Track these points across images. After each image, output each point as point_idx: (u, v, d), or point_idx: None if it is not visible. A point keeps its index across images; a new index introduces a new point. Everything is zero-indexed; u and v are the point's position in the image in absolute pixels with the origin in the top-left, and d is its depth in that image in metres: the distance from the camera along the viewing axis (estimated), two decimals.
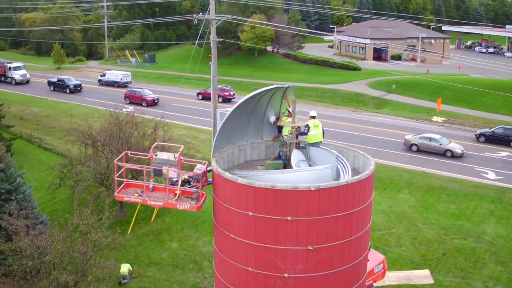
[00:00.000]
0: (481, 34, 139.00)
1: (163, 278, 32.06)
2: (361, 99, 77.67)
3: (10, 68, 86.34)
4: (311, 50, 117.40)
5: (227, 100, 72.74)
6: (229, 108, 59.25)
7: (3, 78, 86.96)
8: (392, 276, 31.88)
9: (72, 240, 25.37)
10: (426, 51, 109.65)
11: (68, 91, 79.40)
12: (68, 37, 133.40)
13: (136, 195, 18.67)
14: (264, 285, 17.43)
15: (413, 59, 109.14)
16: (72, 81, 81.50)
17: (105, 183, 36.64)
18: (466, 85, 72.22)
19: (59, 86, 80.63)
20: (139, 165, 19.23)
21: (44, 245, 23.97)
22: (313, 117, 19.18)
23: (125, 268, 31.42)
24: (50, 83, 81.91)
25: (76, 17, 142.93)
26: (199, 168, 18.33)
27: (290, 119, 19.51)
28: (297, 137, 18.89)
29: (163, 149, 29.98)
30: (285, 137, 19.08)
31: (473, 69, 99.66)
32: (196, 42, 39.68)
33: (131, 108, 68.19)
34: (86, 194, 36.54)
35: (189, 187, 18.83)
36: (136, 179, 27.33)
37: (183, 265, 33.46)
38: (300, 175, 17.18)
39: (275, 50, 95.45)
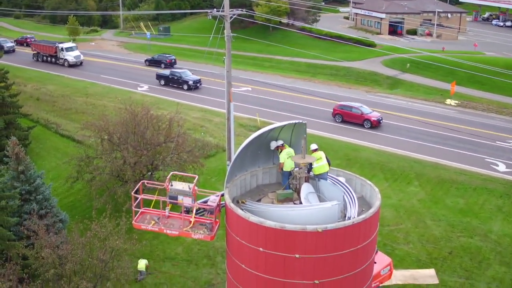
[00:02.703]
0: (499, 7, 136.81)
1: (178, 274, 33.33)
2: (375, 78, 77.68)
3: (62, 49, 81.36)
4: (326, 21, 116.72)
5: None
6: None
7: (53, 60, 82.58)
8: (399, 275, 32.90)
9: (91, 245, 26.48)
10: (442, 26, 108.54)
11: (186, 87, 68.58)
12: (83, 6, 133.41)
13: (153, 222, 19.65)
14: None
15: (429, 35, 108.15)
16: (189, 76, 70.09)
17: (122, 178, 37.76)
18: (481, 64, 71.87)
19: (173, 82, 69.88)
20: (156, 196, 20.14)
21: (65, 254, 25.17)
22: (315, 150, 19.94)
23: (142, 263, 32.70)
24: (160, 77, 71.34)
25: None
26: (213, 201, 19.23)
27: (285, 152, 20.36)
28: (308, 172, 19.73)
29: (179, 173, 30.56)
30: (295, 170, 19.87)
31: (489, 45, 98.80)
32: (211, 36, 39.86)
33: (145, 87, 69.29)
34: (103, 188, 37.70)
35: (202, 212, 19.83)
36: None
37: (197, 260, 34.71)
38: (309, 212, 18.01)
39: (290, 23, 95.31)
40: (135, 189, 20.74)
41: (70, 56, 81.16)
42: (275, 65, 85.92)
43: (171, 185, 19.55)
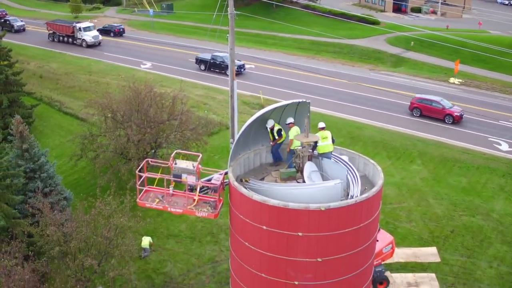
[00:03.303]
0: None
1: (182, 251, 33.65)
2: (378, 56, 77.34)
3: (80, 29, 78.58)
4: None
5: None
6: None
7: (70, 40, 79.96)
8: (400, 253, 33.17)
9: (95, 223, 26.70)
10: (447, 4, 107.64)
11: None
12: None
13: (157, 200, 19.82)
14: None
15: (434, 13, 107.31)
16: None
17: (126, 156, 37.93)
18: (485, 43, 71.50)
19: (215, 67, 65.76)
20: (160, 174, 20.27)
21: (69, 232, 25.40)
22: (322, 129, 19.98)
23: (146, 241, 33.01)
24: (201, 62, 67.11)
25: None
26: (217, 179, 19.37)
27: (294, 130, 20.39)
28: (313, 150, 19.82)
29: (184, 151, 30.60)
30: (298, 148, 19.93)
31: (494, 24, 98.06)
32: (214, 14, 39.70)
33: (148, 64, 69.14)
34: (107, 166, 37.90)
35: (206, 190, 19.97)
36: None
37: (200, 237, 35.00)
38: (312, 190, 18.13)
39: (294, 0, 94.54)
40: (140, 167, 20.85)
41: (88, 36, 78.60)
42: (279, 42, 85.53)
43: (175, 164, 19.68)
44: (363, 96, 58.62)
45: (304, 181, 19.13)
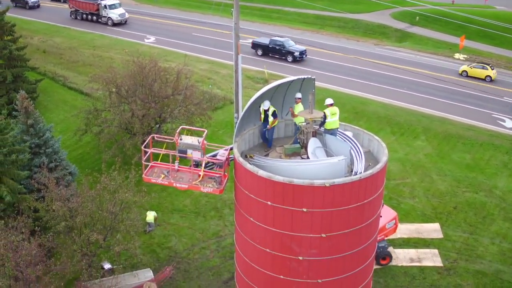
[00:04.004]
0: None
1: (186, 225, 33.94)
2: (383, 31, 76.87)
3: (105, 7, 75.18)
4: None
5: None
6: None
7: (95, 18, 76.69)
8: (403, 229, 33.40)
9: (100, 198, 26.87)
10: None
11: (290, 59, 60.75)
12: None
13: (163, 176, 19.92)
14: (280, 264, 18.96)
15: None
16: (293, 45, 62.25)
17: (130, 131, 38.02)
18: (490, 19, 70.95)
19: (274, 52, 62.38)
20: (165, 150, 20.33)
21: (75, 207, 25.58)
22: (331, 105, 19.96)
23: (150, 216, 33.26)
24: (257, 46, 63.46)
25: None
26: (222, 155, 19.45)
27: (299, 107, 20.37)
28: (320, 126, 19.83)
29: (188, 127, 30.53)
30: (303, 124, 19.95)
31: (500, 0, 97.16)
32: None
33: (152, 38, 68.86)
34: (111, 141, 38.02)
35: (211, 166, 20.07)
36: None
37: (204, 212, 35.26)
38: (316, 166, 18.19)
39: None
40: (145, 143, 20.91)
41: (115, 14, 75.21)
42: (283, 16, 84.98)
43: (181, 139, 19.73)
44: (367, 71, 58.42)
45: (308, 157, 19.19)
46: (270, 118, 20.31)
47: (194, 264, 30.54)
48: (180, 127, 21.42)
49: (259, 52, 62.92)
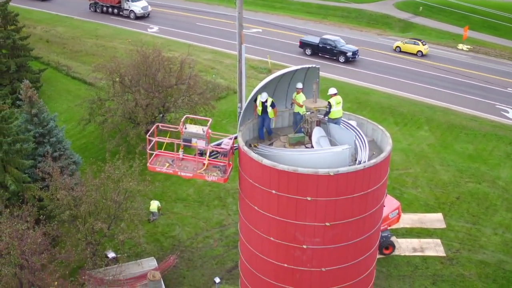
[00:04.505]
0: None
1: (190, 215, 34.10)
2: (387, 21, 76.59)
3: None
4: None
5: None
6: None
7: (116, 11, 73.15)
8: (406, 219, 33.52)
9: (104, 187, 26.99)
10: None
11: (342, 59, 57.41)
12: None
13: (167, 165, 19.97)
14: (284, 253, 19.04)
15: None
16: (344, 45, 58.52)
17: (134, 120, 38.08)
18: (494, 9, 70.76)
19: (325, 52, 58.89)
20: (170, 139, 20.39)
21: (79, 196, 25.71)
22: (335, 94, 19.96)
23: (154, 205, 33.43)
24: (306, 45, 59.98)
25: None
26: (226, 144, 19.50)
27: (300, 97, 20.37)
28: (325, 116, 19.84)
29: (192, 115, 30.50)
30: (307, 113, 19.96)
31: None
32: None
33: (155, 28, 68.68)
34: (115, 130, 38.10)
35: (216, 154, 20.12)
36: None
37: (208, 201, 35.41)
38: (320, 155, 18.23)
39: None
40: (150, 131, 20.98)
41: (137, 7, 71.75)
42: (286, 6, 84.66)
43: (185, 128, 19.78)
44: (370, 61, 58.31)
45: (312, 147, 19.23)
46: (269, 109, 20.27)
47: (197, 253, 30.72)
48: (185, 116, 21.47)
49: (308, 52, 59.77)
